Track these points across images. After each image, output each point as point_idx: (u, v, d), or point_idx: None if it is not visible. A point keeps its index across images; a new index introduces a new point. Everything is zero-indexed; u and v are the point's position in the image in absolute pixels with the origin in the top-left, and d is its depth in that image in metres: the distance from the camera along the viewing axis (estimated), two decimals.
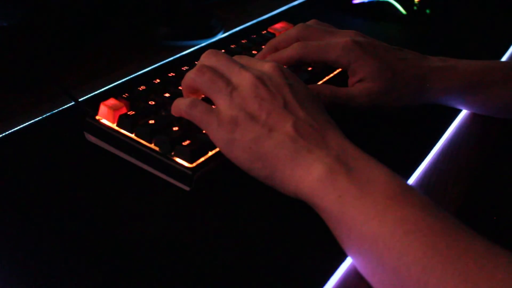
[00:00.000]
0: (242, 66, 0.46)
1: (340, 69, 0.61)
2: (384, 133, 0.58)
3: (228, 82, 0.45)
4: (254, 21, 0.82)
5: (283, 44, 0.58)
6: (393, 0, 0.85)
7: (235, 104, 0.44)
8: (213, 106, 0.45)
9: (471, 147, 0.59)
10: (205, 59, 0.48)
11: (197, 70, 0.46)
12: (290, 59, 0.55)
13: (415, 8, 0.85)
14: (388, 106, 0.56)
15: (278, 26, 0.71)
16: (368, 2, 0.87)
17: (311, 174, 0.41)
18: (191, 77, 0.47)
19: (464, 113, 0.63)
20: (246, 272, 0.41)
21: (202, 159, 0.47)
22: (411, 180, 0.52)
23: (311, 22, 0.61)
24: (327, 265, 0.42)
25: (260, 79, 0.45)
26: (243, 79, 0.45)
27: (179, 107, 0.47)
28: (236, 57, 0.49)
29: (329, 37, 0.57)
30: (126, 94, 0.52)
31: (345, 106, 0.55)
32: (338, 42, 0.55)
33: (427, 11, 0.86)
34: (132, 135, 0.48)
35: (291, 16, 0.81)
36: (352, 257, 0.41)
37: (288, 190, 0.43)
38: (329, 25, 0.61)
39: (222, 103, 0.44)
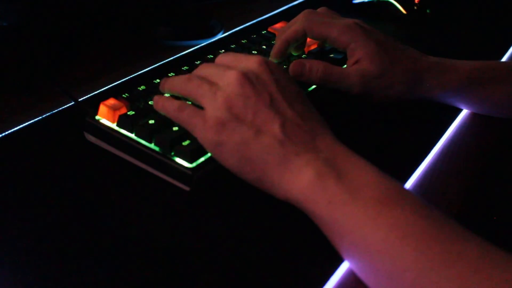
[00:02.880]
0: (227, 67, 0.45)
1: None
2: (383, 133, 0.58)
3: (211, 83, 0.45)
4: (254, 21, 0.82)
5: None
6: (393, 0, 0.85)
7: (220, 104, 0.43)
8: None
9: (471, 147, 0.59)
10: (196, 71, 0.48)
11: (186, 78, 0.46)
12: (295, 33, 0.57)
13: (415, 8, 0.85)
14: (381, 93, 0.56)
15: (278, 26, 0.71)
16: (368, 2, 0.87)
17: (300, 179, 0.41)
18: (179, 85, 0.47)
19: (464, 113, 0.63)
20: (246, 272, 0.41)
21: (202, 159, 0.47)
22: (411, 180, 0.52)
23: (320, 9, 0.62)
24: (326, 266, 0.42)
25: (245, 75, 0.44)
26: (227, 78, 0.44)
27: (167, 109, 0.46)
28: (222, 56, 0.49)
29: (333, 20, 0.58)
30: (126, 94, 0.52)
31: (337, 84, 0.55)
32: (341, 21, 0.57)
33: (427, 11, 0.86)
34: (132, 135, 0.48)
35: (291, 16, 0.81)
36: (348, 261, 0.41)
37: (278, 194, 0.42)
38: (337, 14, 0.62)
39: (208, 105, 0.44)
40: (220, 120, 0.42)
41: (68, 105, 0.57)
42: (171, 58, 0.69)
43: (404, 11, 0.85)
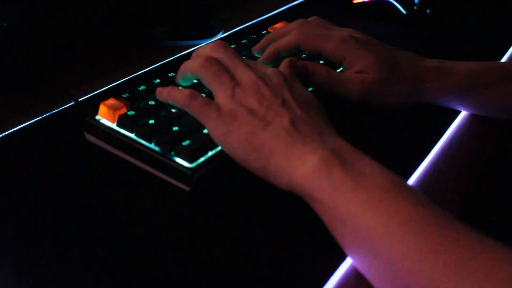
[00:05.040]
0: (247, 64, 0.48)
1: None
2: (384, 133, 0.58)
3: (232, 77, 0.46)
4: (254, 21, 0.82)
5: (281, 37, 0.59)
6: None
7: (235, 99, 0.45)
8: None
9: (471, 147, 0.59)
10: (213, 50, 0.49)
11: (205, 60, 0.47)
12: (288, 45, 0.57)
13: (415, 8, 0.85)
14: (380, 101, 0.56)
15: (278, 26, 0.71)
16: (368, 2, 0.87)
17: (305, 166, 0.41)
18: (197, 65, 0.48)
19: (464, 113, 0.63)
20: (246, 272, 0.41)
21: (202, 159, 0.47)
22: (411, 180, 0.52)
23: (312, 18, 0.62)
24: (327, 265, 0.42)
25: (262, 78, 0.46)
26: (246, 76, 0.46)
27: (176, 97, 0.47)
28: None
29: (328, 31, 0.58)
30: (126, 94, 0.52)
31: (337, 89, 0.56)
32: (336, 34, 0.57)
33: (427, 11, 0.86)
34: (132, 135, 0.48)
35: (291, 16, 0.81)
36: (346, 250, 0.41)
37: (281, 182, 0.43)
38: (330, 22, 0.62)
39: (223, 96, 0.45)
40: (233, 112, 0.44)
41: (68, 105, 0.57)
42: (171, 58, 0.69)
43: (404, 11, 0.85)
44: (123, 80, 0.63)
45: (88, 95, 0.59)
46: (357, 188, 0.39)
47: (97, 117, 0.50)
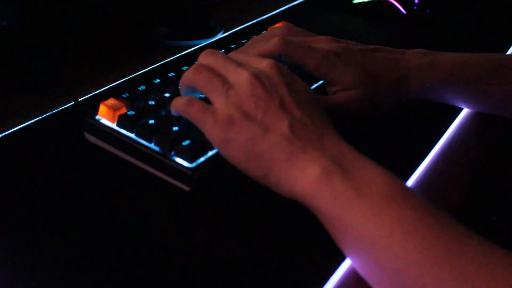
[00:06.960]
0: (239, 64, 0.46)
1: None
2: (384, 133, 0.58)
3: (224, 80, 0.45)
4: (254, 21, 0.82)
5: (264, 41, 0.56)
6: None
7: (231, 103, 0.43)
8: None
9: (471, 147, 0.59)
10: (202, 58, 0.48)
11: (194, 69, 0.46)
12: (271, 53, 0.53)
13: (415, 8, 0.85)
14: (375, 110, 0.55)
15: (278, 26, 0.71)
16: (368, 2, 0.87)
17: (306, 175, 0.41)
18: (188, 76, 0.47)
19: (464, 112, 0.63)
20: (246, 272, 0.41)
21: (202, 159, 0.47)
22: (411, 180, 0.52)
23: (291, 26, 0.59)
24: (327, 265, 0.42)
25: (257, 77, 0.44)
26: (239, 77, 0.44)
27: (177, 105, 0.47)
28: (233, 53, 0.49)
29: (309, 44, 0.55)
30: (126, 94, 0.52)
31: (335, 113, 0.52)
32: (319, 49, 0.53)
33: (427, 11, 0.86)
34: (132, 135, 0.49)
35: (291, 16, 0.81)
36: (350, 258, 0.41)
37: (283, 191, 0.43)
38: (309, 33, 0.59)
39: (218, 101, 0.44)
40: (229, 117, 0.43)
41: (68, 105, 0.57)
42: (171, 58, 0.69)
43: (404, 11, 0.85)
44: (123, 80, 0.63)
45: (88, 95, 0.59)
46: (359, 197, 0.39)
47: (97, 117, 0.50)
